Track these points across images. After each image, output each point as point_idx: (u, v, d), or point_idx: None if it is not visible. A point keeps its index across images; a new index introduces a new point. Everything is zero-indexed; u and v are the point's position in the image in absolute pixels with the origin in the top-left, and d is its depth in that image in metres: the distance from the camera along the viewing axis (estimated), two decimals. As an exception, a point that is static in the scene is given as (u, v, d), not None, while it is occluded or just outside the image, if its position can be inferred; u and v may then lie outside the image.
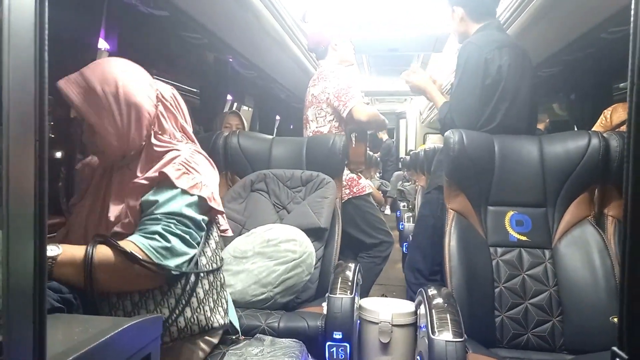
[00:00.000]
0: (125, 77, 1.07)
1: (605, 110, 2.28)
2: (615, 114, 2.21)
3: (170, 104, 1.16)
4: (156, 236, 0.99)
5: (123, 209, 1.07)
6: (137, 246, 0.97)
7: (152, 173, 1.08)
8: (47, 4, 0.44)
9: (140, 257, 0.96)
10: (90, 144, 1.11)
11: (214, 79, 3.02)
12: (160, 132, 1.13)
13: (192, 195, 1.07)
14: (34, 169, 0.44)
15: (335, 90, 2.40)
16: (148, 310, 1.02)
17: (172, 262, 1.00)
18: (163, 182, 1.06)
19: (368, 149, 2.88)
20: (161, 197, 1.04)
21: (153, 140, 1.12)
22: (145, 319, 0.71)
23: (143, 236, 0.99)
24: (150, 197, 1.05)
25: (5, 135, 0.41)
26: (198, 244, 1.08)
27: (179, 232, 1.02)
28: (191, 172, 1.09)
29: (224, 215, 1.25)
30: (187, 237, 1.04)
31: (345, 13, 3.22)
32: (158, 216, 1.02)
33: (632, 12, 0.46)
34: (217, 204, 1.15)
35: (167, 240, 1.00)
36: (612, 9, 1.77)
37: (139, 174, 1.10)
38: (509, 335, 1.49)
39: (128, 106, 1.06)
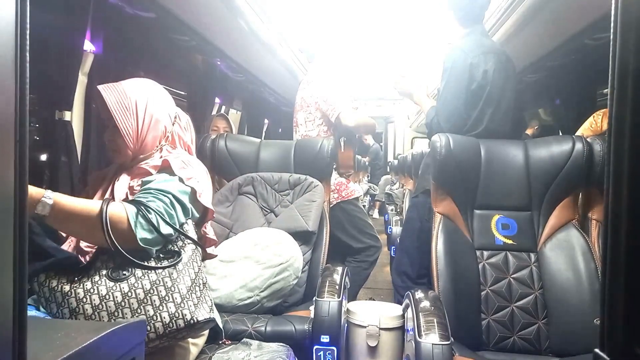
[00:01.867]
0: (153, 95, 1.29)
1: (595, 114, 2.27)
2: (606, 119, 2.22)
3: (184, 127, 1.38)
4: (141, 206, 1.09)
5: (125, 189, 1.24)
6: (125, 209, 1.07)
7: (157, 161, 1.26)
8: (28, 2, 0.43)
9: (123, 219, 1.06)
10: (110, 142, 1.29)
11: (202, 81, 3.00)
12: (172, 147, 1.33)
13: (187, 185, 1.21)
14: (13, 171, 0.43)
15: (324, 94, 2.41)
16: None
17: (146, 234, 1.08)
18: (165, 169, 1.23)
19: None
20: (159, 177, 1.20)
21: (164, 152, 1.31)
22: (129, 324, 0.70)
23: (133, 201, 1.11)
24: (150, 177, 1.21)
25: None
26: (176, 224, 1.16)
27: (161, 209, 1.12)
28: (189, 168, 1.26)
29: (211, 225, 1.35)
30: (166, 215, 1.12)
31: (335, 16, 3.23)
32: (151, 190, 1.15)
33: (612, 19, 0.47)
34: (206, 202, 1.26)
35: (149, 212, 1.09)
36: (595, 15, 1.79)
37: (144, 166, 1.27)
38: (495, 338, 1.50)
39: (150, 117, 1.26)
